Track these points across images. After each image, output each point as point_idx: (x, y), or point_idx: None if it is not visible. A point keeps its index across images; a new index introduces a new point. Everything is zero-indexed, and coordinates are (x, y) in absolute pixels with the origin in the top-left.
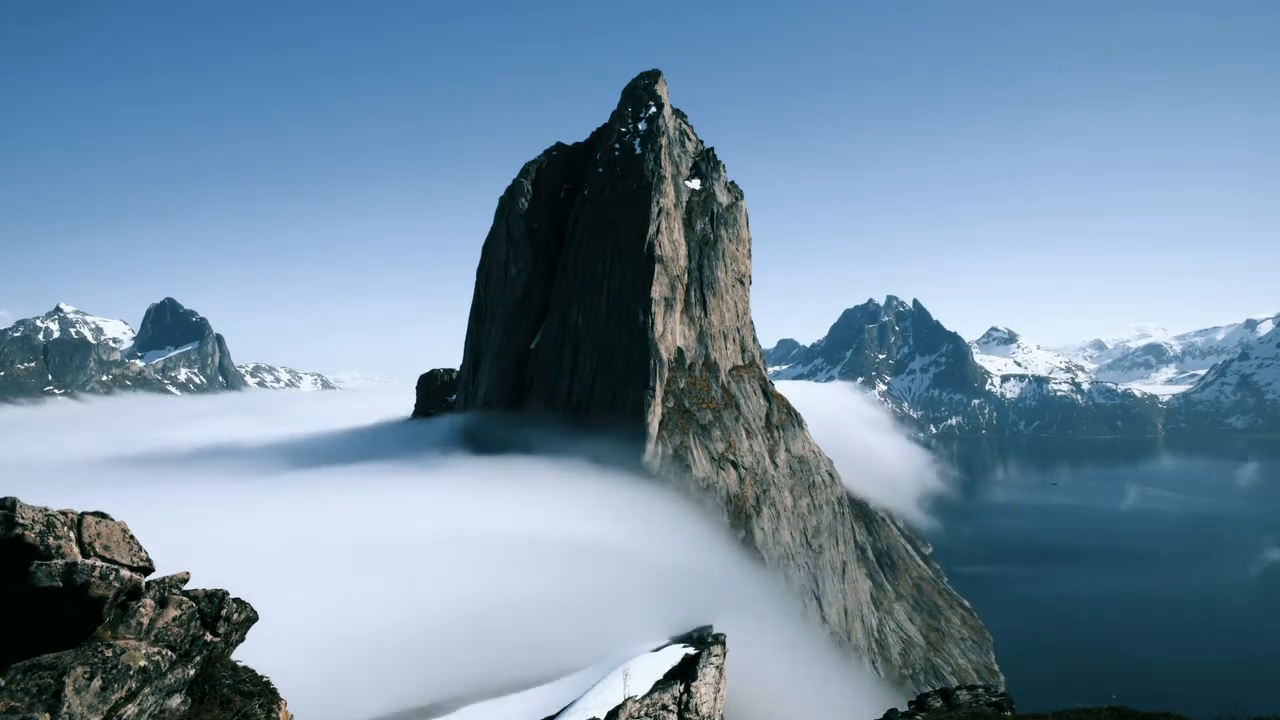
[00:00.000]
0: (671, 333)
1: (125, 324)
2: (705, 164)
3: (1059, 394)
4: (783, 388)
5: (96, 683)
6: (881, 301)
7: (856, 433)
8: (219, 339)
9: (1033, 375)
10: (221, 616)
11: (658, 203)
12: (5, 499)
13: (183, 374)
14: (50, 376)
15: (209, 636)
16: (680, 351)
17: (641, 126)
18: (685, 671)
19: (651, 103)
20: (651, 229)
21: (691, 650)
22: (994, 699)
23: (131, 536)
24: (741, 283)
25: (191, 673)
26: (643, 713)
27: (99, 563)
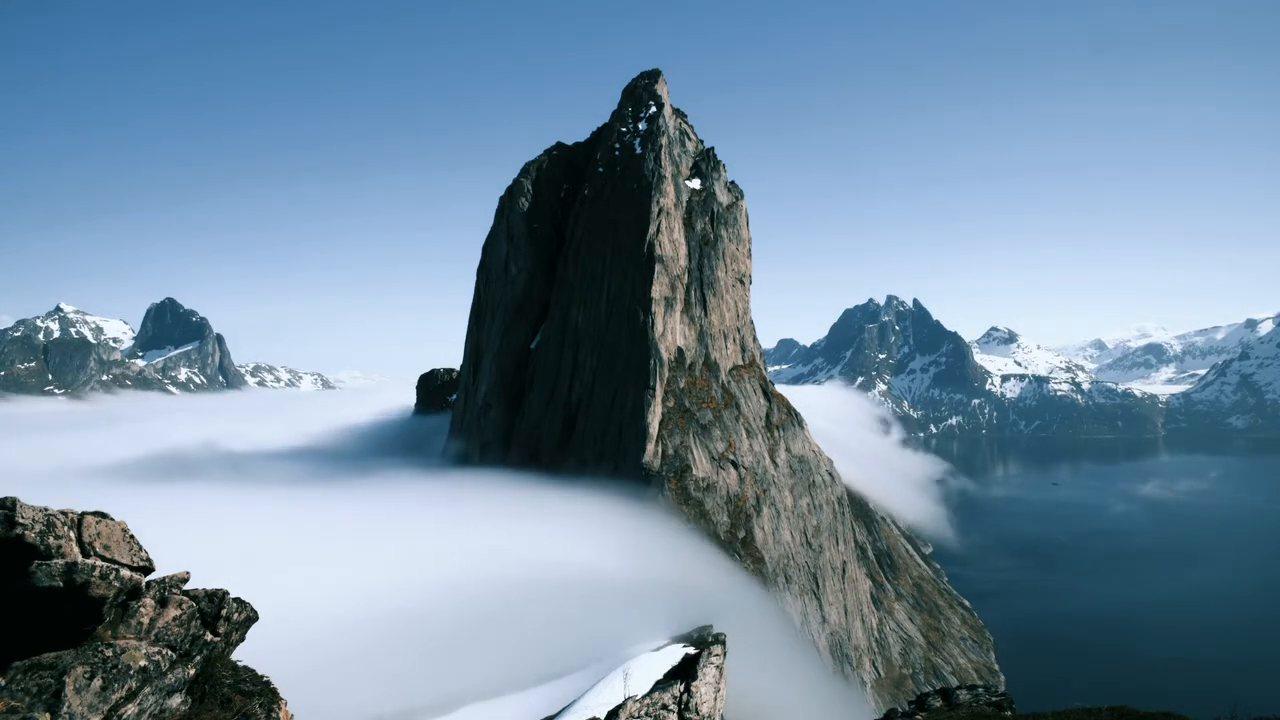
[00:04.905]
0: (671, 332)
1: (125, 324)
2: (705, 164)
3: (1059, 394)
4: (783, 388)
5: (97, 682)
6: (882, 301)
7: (856, 432)
8: (219, 339)
9: (1033, 375)
10: (222, 616)
11: (658, 202)
12: (5, 499)
13: (183, 374)
14: (50, 376)
15: (209, 636)
16: (680, 351)
17: (642, 126)
18: (685, 671)
19: (652, 102)
20: (651, 229)
21: (691, 650)
22: (994, 699)
23: (131, 536)
24: (741, 282)
25: (192, 672)
26: (643, 712)
27: (99, 562)
